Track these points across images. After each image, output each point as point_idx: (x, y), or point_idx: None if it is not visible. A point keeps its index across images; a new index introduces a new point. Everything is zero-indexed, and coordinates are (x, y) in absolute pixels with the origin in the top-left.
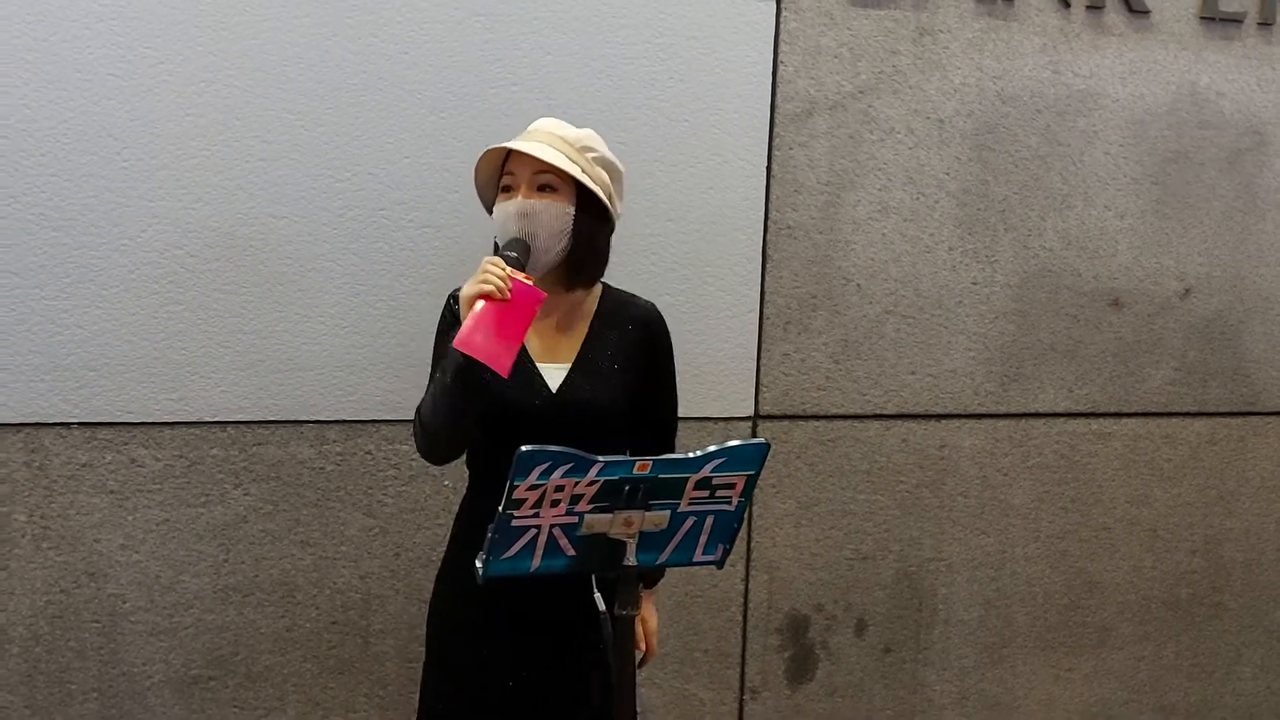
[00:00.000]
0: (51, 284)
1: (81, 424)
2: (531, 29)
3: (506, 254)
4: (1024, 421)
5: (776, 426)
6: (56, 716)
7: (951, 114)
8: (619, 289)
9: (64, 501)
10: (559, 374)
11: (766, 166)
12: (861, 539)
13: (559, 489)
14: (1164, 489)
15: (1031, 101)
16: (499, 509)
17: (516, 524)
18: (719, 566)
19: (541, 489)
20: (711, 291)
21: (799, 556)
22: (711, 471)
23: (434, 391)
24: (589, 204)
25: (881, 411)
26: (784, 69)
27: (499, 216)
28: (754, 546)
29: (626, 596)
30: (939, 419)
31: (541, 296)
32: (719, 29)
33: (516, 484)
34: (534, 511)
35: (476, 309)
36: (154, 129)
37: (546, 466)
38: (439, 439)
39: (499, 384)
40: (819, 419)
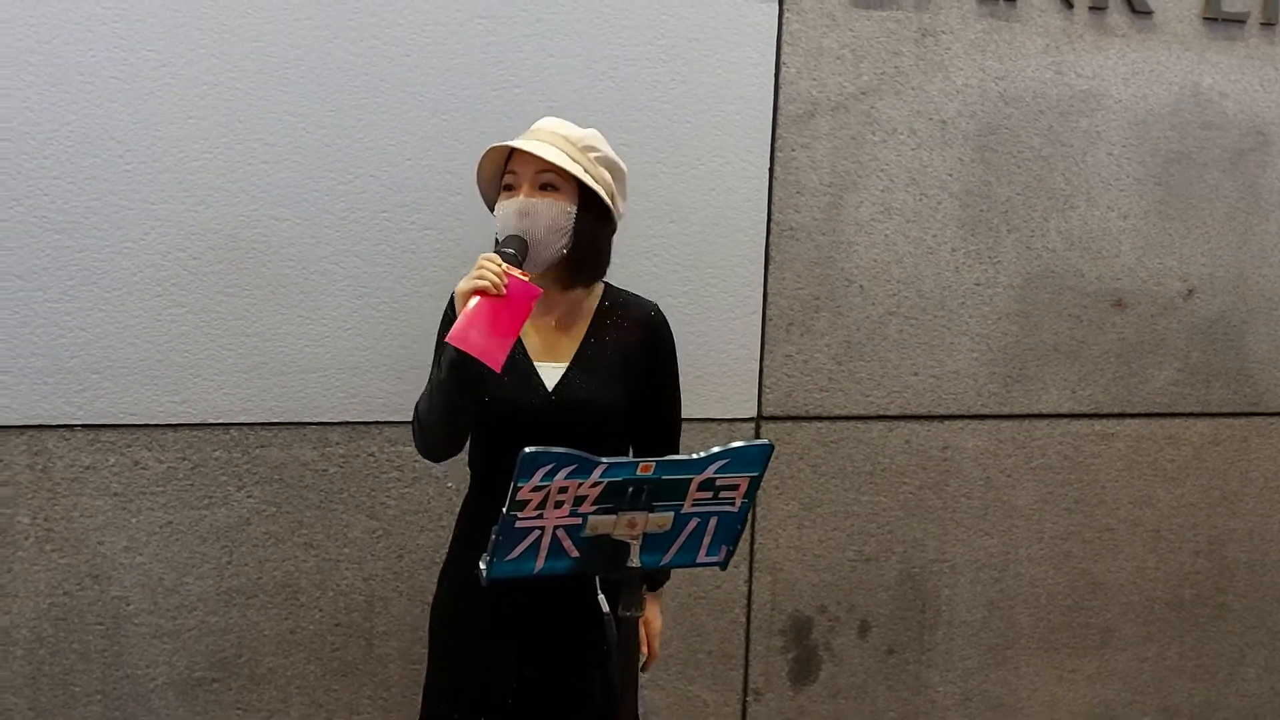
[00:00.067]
0: (54, 287)
1: (85, 426)
2: (534, 31)
3: (504, 250)
4: (1027, 422)
5: (779, 428)
6: (60, 719)
7: (954, 115)
8: (621, 289)
9: (67, 504)
10: (556, 373)
11: (769, 168)
12: (865, 540)
13: (562, 490)
14: (1167, 490)
15: (1034, 102)
16: (503, 510)
17: (520, 525)
18: (723, 568)
19: (545, 490)
20: (714, 293)
21: (802, 558)
22: (715, 473)
23: (430, 387)
24: (591, 204)
25: (884, 413)
26: (786, 70)
27: (501, 215)
28: (757, 548)
29: (630, 598)
30: (942, 420)
31: (537, 293)
32: (721, 30)
33: (520, 485)
34: (538, 513)
35: (471, 304)
36: (156, 132)
37: (550, 468)
38: (435, 435)
39: (496, 382)
40: (822, 420)
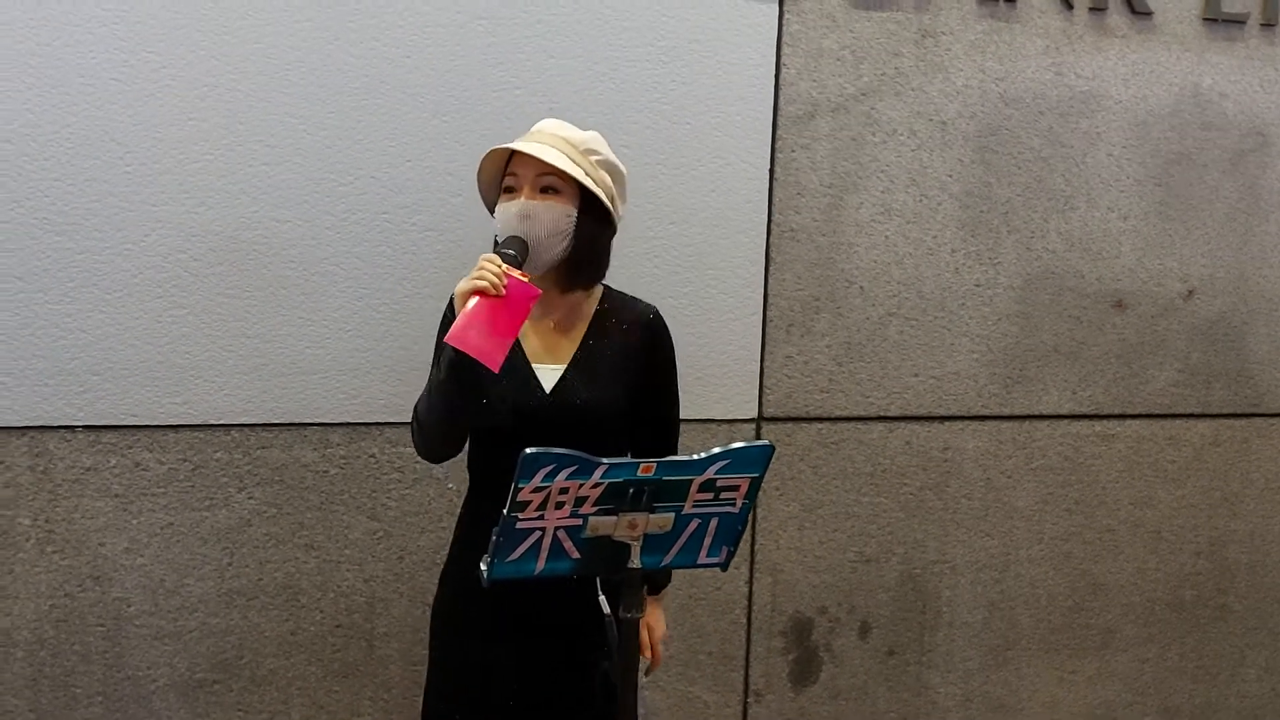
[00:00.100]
0: (55, 288)
1: (86, 427)
2: (534, 32)
3: (504, 251)
4: (1027, 423)
5: (780, 429)
6: None
7: (954, 116)
8: (620, 291)
9: (68, 505)
10: (554, 375)
11: (769, 169)
12: (865, 541)
13: (563, 491)
14: (1168, 491)
15: (1034, 103)
16: (504, 511)
17: (521, 526)
18: (723, 569)
19: (546, 491)
20: (714, 294)
21: (803, 559)
22: (716, 474)
23: (429, 388)
24: (591, 206)
25: (885, 414)
26: (786, 71)
27: (501, 216)
28: (758, 549)
29: (631, 599)
30: (942, 421)
31: (536, 294)
32: (721, 32)
33: (521, 486)
34: (539, 514)
35: (471, 305)
36: (157, 133)
37: (551, 469)
38: (435, 436)
39: (494, 384)
40: (822, 421)
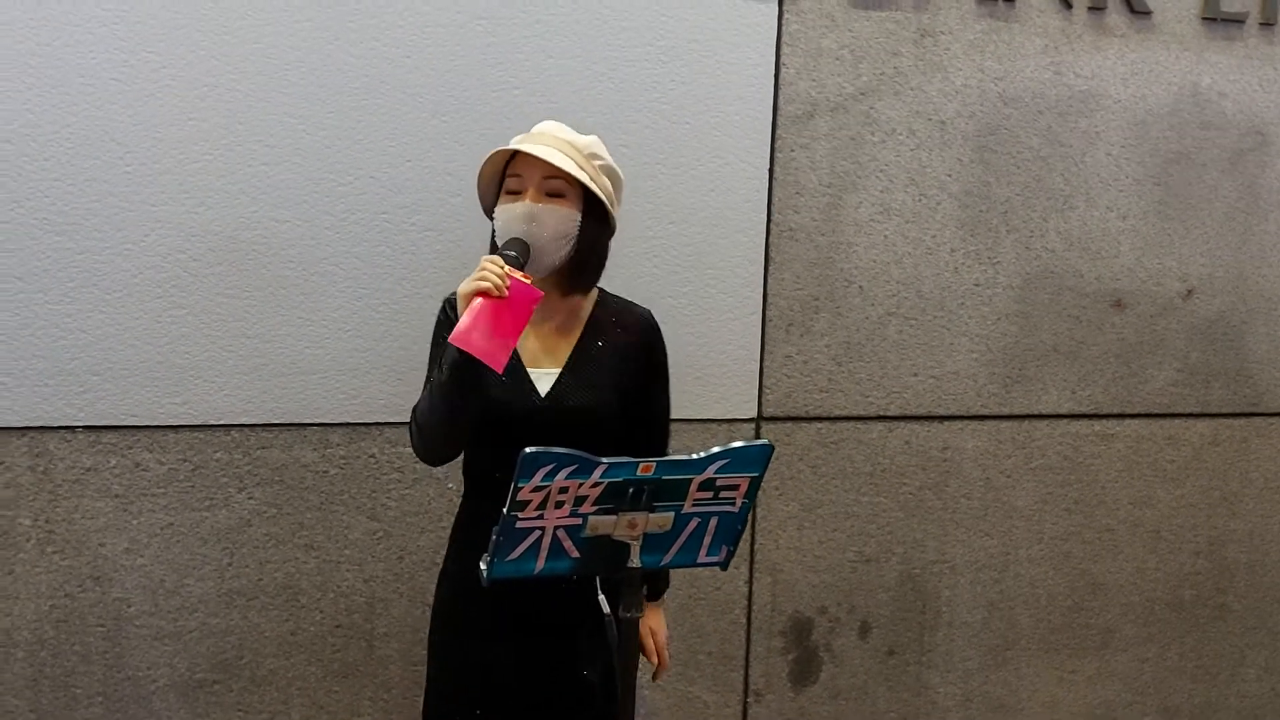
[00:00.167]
0: (55, 288)
1: (86, 428)
2: (533, 32)
3: (505, 253)
4: (1027, 423)
5: (779, 428)
6: None
7: (953, 115)
8: (615, 295)
9: (68, 505)
10: (549, 378)
11: (768, 168)
12: (865, 541)
13: (563, 491)
14: (1167, 490)
15: (1033, 103)
16: (504, 511)
17: (521, 526)
18: (723, 568)
19: (546, 490)
20: (714, 294)
21: (802, 559)
22: (715, 473)
23: (430, 390)
24: (594, 211)
25: (884, 413)
26: (786, 71)
27: (503, 217)
28: (757, 549)
29: (630, 599)
30: (941, 421)
31: (539, 295)
32: (721, 31)
33: (521, 485)
34: (538, 513)
35: (474, 306)
36: (157, 133)
37: (551, 468)
38: (435, 438)
39: (490, 386)
40: (822, 421)
